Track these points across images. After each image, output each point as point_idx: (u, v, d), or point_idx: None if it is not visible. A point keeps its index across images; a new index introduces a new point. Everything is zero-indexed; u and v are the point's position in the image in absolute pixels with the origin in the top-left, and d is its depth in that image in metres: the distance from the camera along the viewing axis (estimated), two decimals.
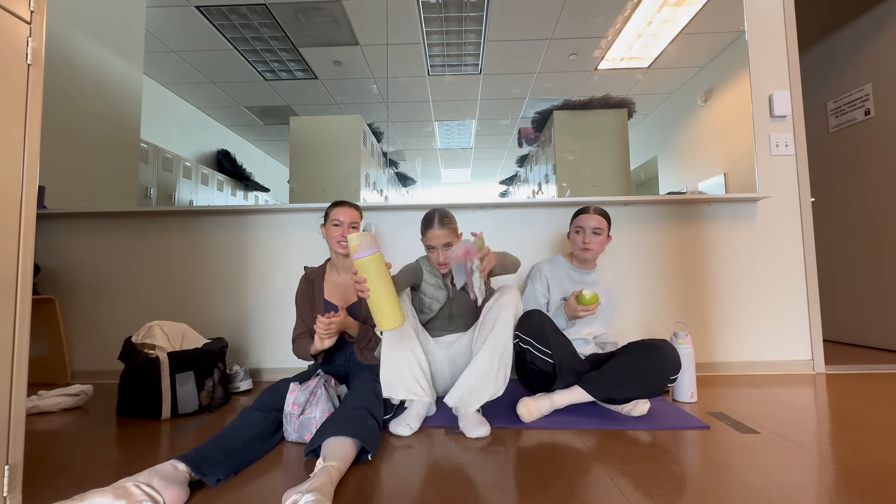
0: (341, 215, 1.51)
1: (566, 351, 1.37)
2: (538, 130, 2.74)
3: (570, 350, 1.39)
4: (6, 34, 0.83)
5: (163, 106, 2.45)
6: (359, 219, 1.56)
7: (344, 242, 1.49)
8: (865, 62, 2.42)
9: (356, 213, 1.55)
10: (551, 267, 1.60)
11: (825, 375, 1.91)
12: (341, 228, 1.50)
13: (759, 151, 2.05)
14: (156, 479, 0.86)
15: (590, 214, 1.52)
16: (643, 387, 1.30)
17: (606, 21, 2.40)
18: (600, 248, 1.51)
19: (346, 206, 1.54)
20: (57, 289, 2.04)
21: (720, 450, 1.11)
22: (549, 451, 1.12)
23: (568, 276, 1.59)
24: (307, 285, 1.58)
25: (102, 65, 2.38)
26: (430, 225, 1.43)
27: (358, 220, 1.55)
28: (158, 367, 1.46)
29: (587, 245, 1.50)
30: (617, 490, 0.90)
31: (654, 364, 1.31)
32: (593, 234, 1.50)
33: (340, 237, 1.50)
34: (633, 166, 2.51)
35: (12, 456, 0.80)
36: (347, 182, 2.47)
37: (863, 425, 1.28)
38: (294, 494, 0.79)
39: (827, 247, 2.62)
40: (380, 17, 2.33)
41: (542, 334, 1.37)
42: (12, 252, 0.82)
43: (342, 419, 1.07)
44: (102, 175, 2.33)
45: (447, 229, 1.42)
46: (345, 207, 1.53)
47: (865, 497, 0.86)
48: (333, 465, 0.92)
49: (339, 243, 1.50)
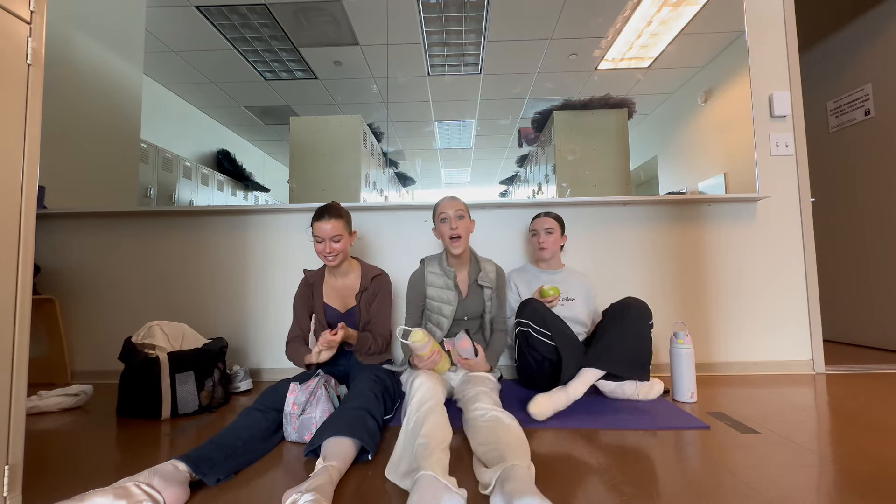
0: (321, 232, 1.43)
1: (565, 333, 1.46)
2: (538, 130, 2.74)
3: (568, 332, 1.48)
4: (6, 34, 0.83)
5: (163, 106, 2.45)
6: (342, 229, 1.45)
7: (330, 257, 1.45)
8: (865, 62, 2.42)
9: (339, 225, 1.44)
10: (519, 273, 1.74)
11: (825, 375, 1.91)
12: (324, 245, 1.44)
13: (759, 151, 2.05)
14: (156, 478, 0.86)
15: (541, 218, 1.69)
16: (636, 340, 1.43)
17: (606, 21, 2.40)
18: (554, 246, 1.67)
19: (324, 219, 1.43)
20: (57, 289, 2.04)
21: (720, 450, 1.11)
22: (549, 451, 1.12)
23: (536, 278, 1.72)
24: (307, 289, 1.58)
25: (102, 65, 2.38)
26: (443, 198, 1.54)
27: (341, 232, 1.44)
28: (158, 367, 1.46)
29: (542, 244, 1.67)
30: (617, 490, 0.90)
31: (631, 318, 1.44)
32: (546, 234, 1.66)
33: (326, 252, 1.44)
34: (633, 166, 2.51)
35: (12, 456, 0.80)
36: (347, 182, 2.47)
37: (863, 425, 1.28)
38: (294, 494, 0.79)
39: (827, 246, 2.62)
40: (380, 17, 2.33)
41: (540, 318, 1.48)
42: (12, 252, 0.82)
43: (342, 419, 1.07)
44: (102, 175, 2.33)
45: (458, 201, 1.52)
46: (323, 222, 1.42)
47: (865, 497, 0.86)
48: (333, 465, 0.92)
49: (325, 257, 1.46)
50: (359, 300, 1.52)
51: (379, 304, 1.53)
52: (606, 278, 2.01)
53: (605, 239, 2.04)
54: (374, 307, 1.53)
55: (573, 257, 2.01)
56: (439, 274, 1.53)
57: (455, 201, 1.51)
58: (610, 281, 2.01)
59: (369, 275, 1.54)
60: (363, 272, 1.56)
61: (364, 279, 1.53)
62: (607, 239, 2.04)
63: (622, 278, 2.02)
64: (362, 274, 1.55)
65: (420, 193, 2.89)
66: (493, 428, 1.02)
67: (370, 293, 1.53)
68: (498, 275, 1.59)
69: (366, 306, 1.53)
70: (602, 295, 1.90)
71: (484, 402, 1.16)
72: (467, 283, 1.55)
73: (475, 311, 1.55)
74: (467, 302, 1.53)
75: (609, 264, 2.03)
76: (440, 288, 1.52)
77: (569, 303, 1.64)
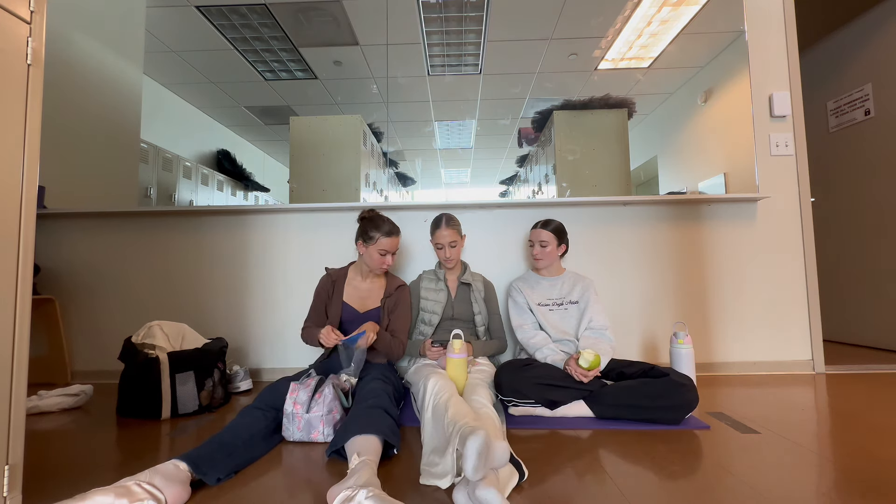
0: (389, 246, 1.54)
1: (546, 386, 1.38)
2: (538, 130, 2.74)
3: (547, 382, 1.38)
4: (6, 34, 0.83)
5: (163, 106, 2.45)
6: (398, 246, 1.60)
7: (386, 265, 1.57)
8: (865, 62, 2.42)
9: (397, 242, 1.59)
10: (523, 281, 1.74)
11: (825, 375, 1.91)
12: (387, 258, 1.56)
13: (759, 151, 2.05)
14: (157, 478, 0.86)
15: (538, 230, 1.68)
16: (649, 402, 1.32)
17: (606, 21, 2.40)
18: (549, 258, 1.67)
19: (394, 236, 1.56)
20: (57, 289, 2.04)
21: (720, 450, 1.11)
22: (549, 451, 1.12)
23: (537, 284, 1.71)
24: (329, 284, 1.63)
25: (102, 65, 2.38)
26: (438, 226, 1.69)
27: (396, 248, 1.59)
28: (158, 367, 1.46)
29: (536, 256, 1.68)
30: (617, 490, 0.90)
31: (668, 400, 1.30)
32: (541, 246, 1.67)
33: (384, 265, 1.56)
34: (633, 166, 2.51)
35: (12, 456, 0.80)
36: (347, 182, 2.47)
37: (863, 425, 1.28)
38: (344, 491, 0.79)
39: (827, 247, 2.62)
40: (380, 17, 2.33)
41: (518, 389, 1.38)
42: (12, 252, 0.82)
43: (364, 418, 1.07)
44: (102, 175, 2.33)
45: (453, 229, 1.69)
46: (393, 239, 1.55)
47: (865, 497, 0.86)
48: (371, 459, 0.93)
49: (380, 267, 1.57)
50: (383, 304, 1.61)
51: (400, 312, 1.63)
52: (607, 278, 2.01)
53: (605, 239, 2.04)
54: (396, 315, 1.62)
55: (573, 258, 2.01)
56: (432, 279, 1.76)
57: (451, 231, 1.68)
58: (610, 281, 2.01)
59: (394, 283, 1.66)
60: (388, 279, 1.68)
61: (389, 286, 1.65)
62: (607, 239, 2.04)
63: (622, 278, 2.02)
64: (387, 281, 1.67)
65: (420, 193, 2.89)
66: (483, 420, 1.10)
67: (393, 300, 1.63)
68: (486, 286, 1.79)
69: (387, 312, 1.61)
70: (602, 295, 1.90)
71: (482, 395, 1.26)
72: (456, 285, 1.76)
73: (463, 312, 1.70)
74: (456, 301, 1.72)
75: (609, 264, 2.03)
76: (432, 290, 1.73)
77: (572, 306, 1.63)
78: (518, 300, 1.68)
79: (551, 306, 1.64)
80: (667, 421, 1.30)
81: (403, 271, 2.04)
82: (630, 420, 1.33)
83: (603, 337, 1.54)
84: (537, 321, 1.63)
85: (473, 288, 1.74)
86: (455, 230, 1.70)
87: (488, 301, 1.77)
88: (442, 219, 1.70)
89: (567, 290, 1.66)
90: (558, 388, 1.37)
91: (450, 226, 1.69)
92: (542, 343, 1.53)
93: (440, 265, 1.79)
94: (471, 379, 1.41)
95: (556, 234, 1.66)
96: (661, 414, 1.29)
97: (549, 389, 1.37)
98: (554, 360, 1.47)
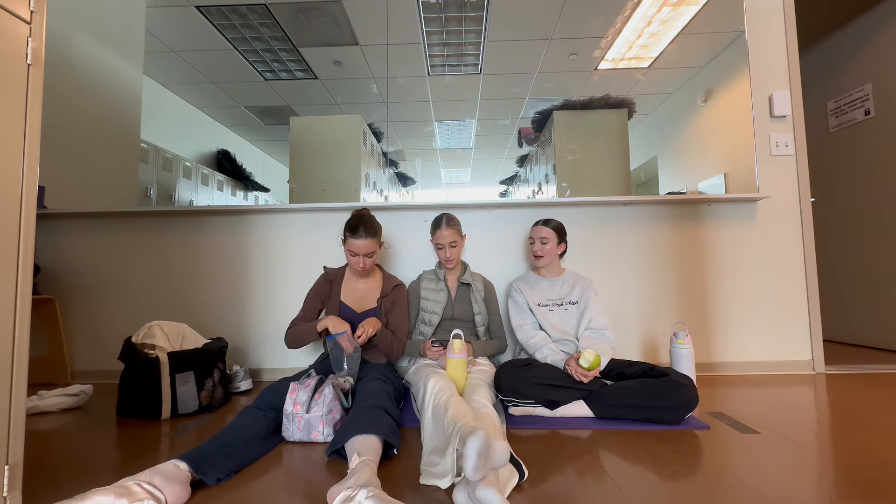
0: (355, 248, 1.49)
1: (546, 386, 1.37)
2: (538, 130, 2.74)
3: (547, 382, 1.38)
4: (6, 34, 0.83)
5: (163, 106, 2.45)
6: (375, 246, 1.52)
7: (362, 271, 1.53)
8: (865, 62, 2.42)
9: (373, 243, 1.51)
10: (523, 281, 1.74)
11: (825, 375, 1.91)
12: (358, 259, 1.51)
13: (759, 151, 2.05)
14: (157, 478, 0.86)
15: (538, 227, 1.69)
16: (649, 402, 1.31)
17: (606, 21, 2.40)
18: (550, 255, 1.66)
19: (360, 236, 1.48)
20: (57, 289, 2.04)
21: (720, 450, 1.11)
22: (549, 451, 1.12)
23: (537, 284, 1.71)
24: (326, 284, 1.63)
25: (102, 65, 2.38)
26: (438, 226, 1.70)
27: (375, 248, 1.52)
28: (158, 367, 1.46)
29: (536, 253, 1.67)
30: (617, 490, 0.90)
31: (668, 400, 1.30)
32: (541, 243, 1.66)
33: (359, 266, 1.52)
34: (633, 166, 2.51)
35: (12, 456, 0.80)
36: (347, 182, 2.47)
37: (863, 425, 1.28)
38: (344, 491, 0.79)
39: (827, 247, 2.62)
40: (380, 17, 2.33)
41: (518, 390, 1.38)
42: (12, 252, 0.82)
43: (364, 418, 1.07)
44: (102, 175, 2.33)
45: (453, 229, 1.69)
46: (358, 239, 1.48)
47: (865, 497, 0.86)
48: (371, 459, 0.93)
49: (356, 269, 1.54)
50: (380, 304, 1.61)
51: (398, 312, 1.63)
52: (607, 278, 2.01)
53: (605, 239, 2.04)
54: (394, 314, 1.62)
55: (573, 258, 2.01)
56: (432, 279, 1.76)
57: (451, 231, 1.68)
58: (610, 281, 2.01)
59: (391, 283, 1.66)
60: (384, 279, 1.67)
61: (385, 286, 1.64)
62: (607, 239, 2.04)
63: (622, 278, 2.02)
64: (384, 281, 1.66)
65: (420, 193, 2.89)
66: (483, 419, 1.10)
67: (390, 300, 1.63)
68: (486, 286, 1.80)
69: (385, 312, 1.61)
70: (602, 295, 1.90)
71: (482, 395, 1.27)
72: (456, 285, 1.76)
73: (463, 313, 1.70)
74: (456, 302, 1.72)
75: (609, 264, 2.03)
76: (432, 290, 1.73)
77: (572, 306, 1.63)
78: (518, 300, 1.68)
79: (551, 307, 1.64)
80: (667, 421, 1.30)
81: (403, 271, 2.04)
82: (630, 420, 1.33)
83: (603, 337, 1.54)
84: (537, 321, 1.63)
85: (473, 288, 1.74)
86: (455, 230, 1.70)
87: (488, 301, 1.77)
88: (442, 219, 1.71)
89: (567, 291, 1.66)
90: (558, 388, 1.37)
91: (450, 226, 1.69)
92: (542, 343, 1.53)
93: (440, 265, 1.80)
94: (471, 379, 1.41)
95: (557, 231, 1.67)
96: (661, 414, 1.29)
97: (549, 389, 1.37)
98: (554, 360, 1.47)
